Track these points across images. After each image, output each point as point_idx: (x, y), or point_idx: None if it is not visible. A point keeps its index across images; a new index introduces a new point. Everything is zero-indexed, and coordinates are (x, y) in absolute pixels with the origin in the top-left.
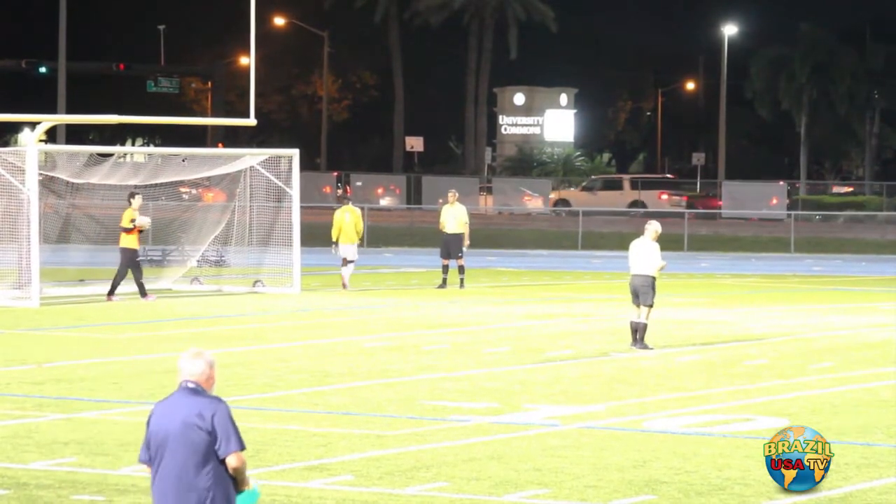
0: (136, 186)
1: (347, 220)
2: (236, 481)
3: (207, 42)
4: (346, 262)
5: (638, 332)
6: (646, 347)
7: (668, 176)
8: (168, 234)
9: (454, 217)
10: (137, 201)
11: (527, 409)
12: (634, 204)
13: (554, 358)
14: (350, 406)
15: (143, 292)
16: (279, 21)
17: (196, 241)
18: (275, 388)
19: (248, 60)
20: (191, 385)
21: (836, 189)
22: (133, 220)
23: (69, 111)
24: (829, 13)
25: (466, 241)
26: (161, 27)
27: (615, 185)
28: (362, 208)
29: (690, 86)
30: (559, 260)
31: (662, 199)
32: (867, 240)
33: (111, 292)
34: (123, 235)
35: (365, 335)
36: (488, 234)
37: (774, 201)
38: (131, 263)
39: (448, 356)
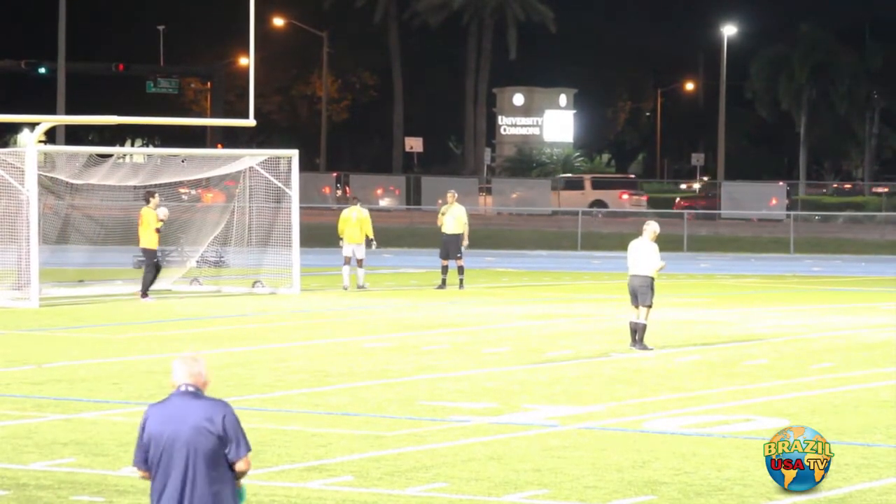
0: (135, 187)
1: (353, 220)
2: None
3: (207, 42)
4: (347, 260)
5: (637, 333)
6: (645, 348)
7: (631, 176)
8: (167, 234)
9: (453, 217)
10: (156, 200)
11: (526, 409)
12: (595, 204)
13: (553, 358)
14: (349, 406)
15: (144, 293)
16: (278, 21)
17: (195, 241)
18: (274, 389)
19: (247, 61)
20: (190, 388)
21: (875, 189)
22: (160, 219)
23: (68, 112)
24: (829, 13)
25: (465, 241)
26: (160, 28)
27: (577, 185)
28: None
29: (690, 86)
30: (559, 260)
31: (623, 199)
32: (866, 240)
33: (144, 293)
34: (146, 236)
35: (364, 335)
36: (488, 235)
37: (774, 202)
38: (150, 263)
39: (447, 356)
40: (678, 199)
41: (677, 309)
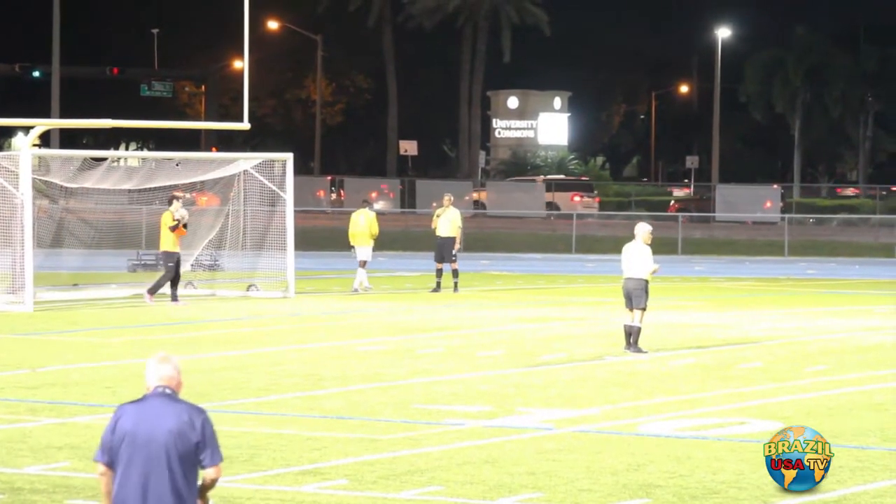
0: (129, 191)
1: (361, 223)
2: (201, 492)
3: (201, 46)
4: (363, 264)
5: (632, 336)
6: (640, 351)
7: (583, 178)
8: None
9: (448, 220)
10: (177, 203)
11: (521, 412)
12: (547, 206)
13: (548, 361)
14: (344, 410)
15: (152, 291)
16: (273, 25)
17: (190, 245)
18: (269, 392)
19: (241, 64)
20: (168, 391)
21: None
22: (175, 219)
23: (63, 115)
24: (823, 16)
25: (457, 245)
26: (155, 31)
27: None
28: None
29: (684, 89)
30: (553, 263)
31: (575, 202)
32: (861, 243)
33: (174, 297)
34: (164, 238)
35: (359, 339)
36: (482, 238)
37: (768, 204)
38: (167, 266)
39: (442, 360)
40: (672, 203)
41: (672, 312)
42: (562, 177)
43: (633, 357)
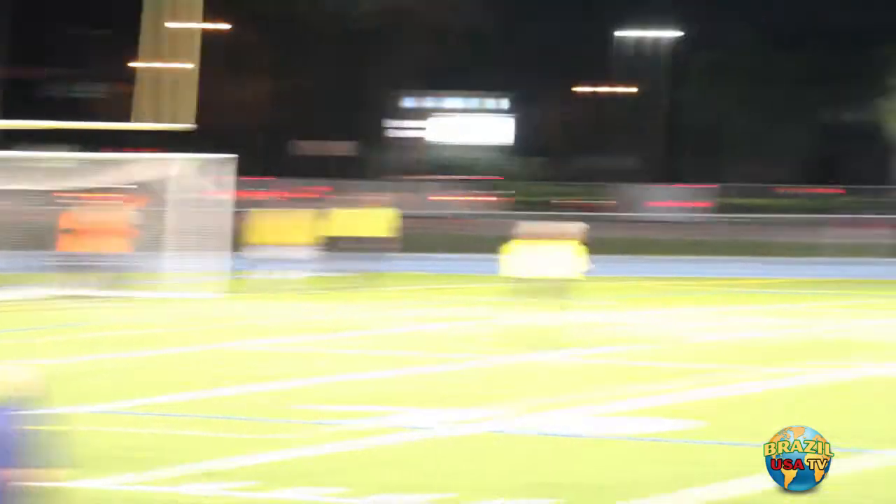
0: (50, 192)
1: (288, 223)
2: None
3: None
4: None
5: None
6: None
7: (485, 178)
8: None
9: (370, 221)
10: (78, 209)
11: (430, 411)
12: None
13: (459, 360)
14: (248, 411)
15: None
16: (214, 26)
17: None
18: (173, 391)
19: (181, 66)
20: None
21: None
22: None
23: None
24: (767, 19)
25: (385, 245)
26: (93, 32)
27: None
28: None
29: (624, 89)
30: (470, 263)
31: (476, 200)
32: (789, 242)
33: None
34: (62, 240)
35: (270, 338)
36: (402, 238)
37: (700, 204)
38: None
39: (353, 359)
40: (598, 202)
41: (593, 311)
42: (461, 177)
43: (542, 356)
